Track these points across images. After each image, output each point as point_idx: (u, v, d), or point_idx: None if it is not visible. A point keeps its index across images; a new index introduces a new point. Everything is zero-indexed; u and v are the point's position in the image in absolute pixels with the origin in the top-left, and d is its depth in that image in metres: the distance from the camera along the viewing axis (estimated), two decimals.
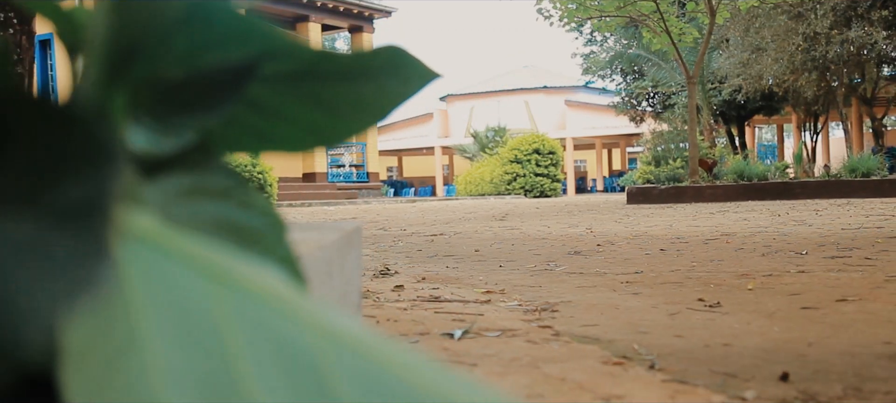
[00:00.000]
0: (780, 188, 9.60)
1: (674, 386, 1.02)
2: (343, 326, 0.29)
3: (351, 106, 0.40)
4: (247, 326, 0.27)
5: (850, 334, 1.37)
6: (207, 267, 0.28)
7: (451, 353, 1.18)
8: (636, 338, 1.37)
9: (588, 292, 1.97)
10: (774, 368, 1.13)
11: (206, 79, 0.36)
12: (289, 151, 0.41)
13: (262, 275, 0.30)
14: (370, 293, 1.95)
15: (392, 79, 0.39)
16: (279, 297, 0.29)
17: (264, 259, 0.39)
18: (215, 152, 0.38)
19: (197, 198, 0.36)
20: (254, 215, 0.39)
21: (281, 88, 0.39)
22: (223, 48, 0.36)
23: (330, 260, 0.83)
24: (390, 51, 0.38)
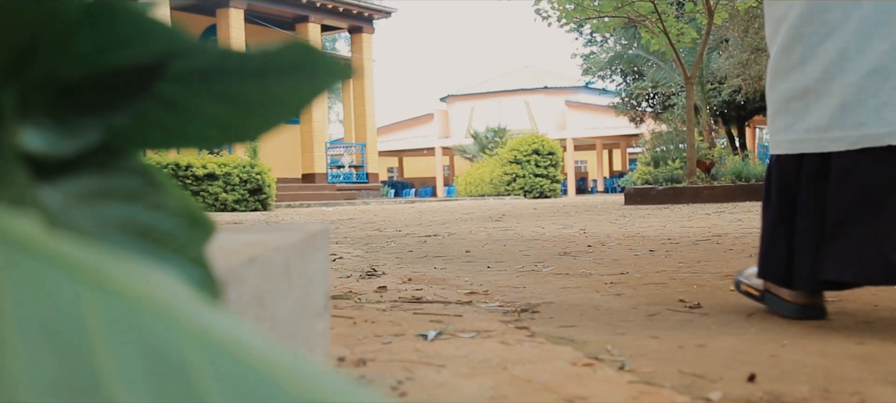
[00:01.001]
0: None
1: (639, 387, 1.02)
2: (221, 329, 0.29)
3: (263, 103, 0.40)
4: (115, 328, 0.27)
5: (825, 335, 1.37)
6: (80, 270, 0.28)
7: (422, 354, 1.18)
8: (612, 339, 1.37)
9: (571, 293, 1.97)
10: (745, 369, 1.13)
11: (109, 78, 0.36)
12: (203, 148, 0.41)
13: (141, 278, 0.30)
14: (352, 294, 1.95)
15: (303, 76, 0.39)
16: (154, 300, 0.29)
17: (174, 261, 0.39)
18: (123, 153, 0.38)
19: (102, 200, 0.36)
20: (164, 217, 0.39)
21: (192, 86, 0.39)
22: (127, 48, 0.36)
23: (288, 262, 0.83)
24: (299, 48, 0.38)
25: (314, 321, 0.95)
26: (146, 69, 0.36)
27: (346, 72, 0.40)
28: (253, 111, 0.40)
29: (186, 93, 0.39)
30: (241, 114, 0.40)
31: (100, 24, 0.34)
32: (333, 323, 1.50)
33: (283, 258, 0.81)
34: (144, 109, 0.38)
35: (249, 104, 0.40)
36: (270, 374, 0.28)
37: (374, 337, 1.34)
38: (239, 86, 0.39)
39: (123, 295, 0.29)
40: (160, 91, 0.39)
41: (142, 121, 0.39)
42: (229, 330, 0.30)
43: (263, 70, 0.39)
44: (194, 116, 0.40)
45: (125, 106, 0.36)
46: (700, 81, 19.70)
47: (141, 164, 0.38)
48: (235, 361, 0.28)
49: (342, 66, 0.40)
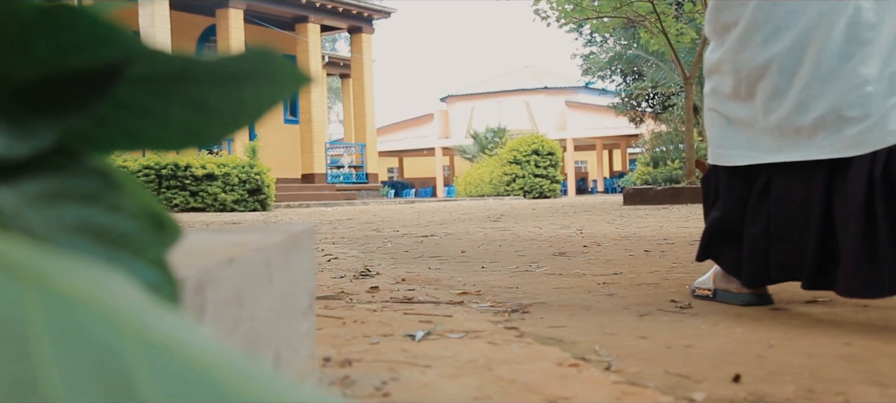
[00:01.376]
0: None
1: (623, 387, 1.02)
2: (165, 331, 0.29)
3: (224, 107, 0.40)
4: (56, 329, 0.27)
5: (814, 335, 1.37)
6: (23, 271, 0.28)
7: (408, 355, 1.18)
8: (600, 340, 1.37)
9: (563, 293, 1.97)
10: (731, 369, 1.13)
11: (65, 81, 0.36)
12: (165, 150, 0.41)
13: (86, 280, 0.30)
14: (344, 294, 1.95)
15: (263, 82, 0.40)
16: (98, 301, 0.29)
17: (131, 263, 0.39)
18: (81, 154, 0.38)
19: (58, 201, 0.37)
20: (122, 218, 0.39)
21: (154, 90, 0.39)
22: (82, 51, 0.36)
23: (269, 263, 0.83)
24: (258, 54, 0.38)
25: (298, 321, 0.95)
26: (103, 72, 0.36)
27: (303, 78, 0.40)
28: (214, 115, 0.40)
29: (148, 97, 0.39)
30: (203, 118, 0.40)
31: (55, 27, 0.34)
32: (323, 323, 1.50)
33: (264, 258, 0.81)
34: (104, 112, 0.39)
35: (211, 108, 0.40)
36: (212, 375, 0.28)
37: (362, 338, 1.34)
38: (200, 90, 0.39)
39: (66, 296, 0.29)
40: (121, 94, 0.39)
41: (102, 123, 0.39)
42: (174, 331, 0.30)
43: (224, 75, 0.39)
44: (156, 120, 0.40)
45: (82, 108, 0.36)
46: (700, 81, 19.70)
47: (99, 166, 0.38)
48: (177, 362, 0.28)
49: (300, 73, 0.40)
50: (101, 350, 0.27)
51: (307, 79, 0.40)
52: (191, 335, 0.29)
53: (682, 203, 9.73)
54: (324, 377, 1.04)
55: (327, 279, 2.38)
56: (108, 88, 0.37)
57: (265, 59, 0.38)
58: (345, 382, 1.02)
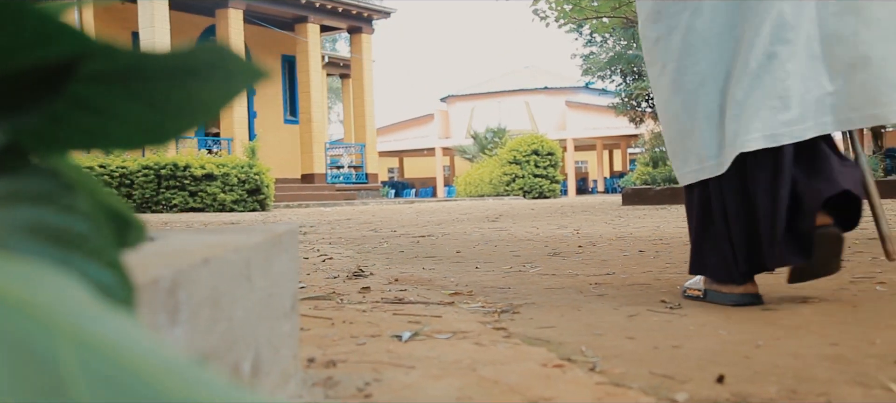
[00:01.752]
0: None
1: (606, 388, 1.02)
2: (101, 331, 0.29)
3: (180, 104, 0.40)
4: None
5: (802, 335, 1.37)
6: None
7: (393, 356, 1.18)
8: (588, 340, 1.37)
9: (555, 293, 1.97)
10: (716, 370, 1.13)
11: (14, 79, 0.36)
12: (122, 149, 0.41)
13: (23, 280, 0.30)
14: (336, 294, 1.95)
15: (218, 77, 0.39)
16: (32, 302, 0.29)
17: (85, 264, 0.39)
18: (32, 155, 0.38)
19: (10, 202, 0.37)
20: (77, 219, 0.39)
21: (109, 87, 0.39)
22: (32, 49, 0.36)
23: (248, 263, 0.83)
24: (213, 50, 0.38)
25: (280, 322, 0.95)
26: (54, 70, 0.36)
27: (259, 74, 0.40)
28: (171, 112, 0.40)
29: (103, 95, 0.39)
30: (160, 114, 0.40)
31: (3, 26, 0.34)
32: (311, 323, 1.50)
33: (243, 259, 0.81)
34: (58, 110, 0.39)
35: (168, 105, 0.40)
36: (146, 375, 0.28)
37: (349, 338, 1.34)
38: (155, 87, 0.39)
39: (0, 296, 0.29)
40: (75, 92, 0.39)
41: (57, 122, 0.39)
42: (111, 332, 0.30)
43: (178, 71, 0.39)
44: (113, 117, 0.40)
45: (33, 107, 0.36)
46: None
47: (53, 167, 0.38)
48: (111, 362, 0.28)
49: (255, 68, 0.40)
50: (32, 349, 0.27)
51: (262, 75, 0.39)
52: (129, 336, 0.29)
53: (681, 203, 9.73)
54: (307, 378, 1.04)
55: (320, 279, 2.38)
56: (60, 86, 0.37)
57: (218, 54, 0.38)
58: (328, 383, 1.02)
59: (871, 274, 2.01)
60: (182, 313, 0.65)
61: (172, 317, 0.63)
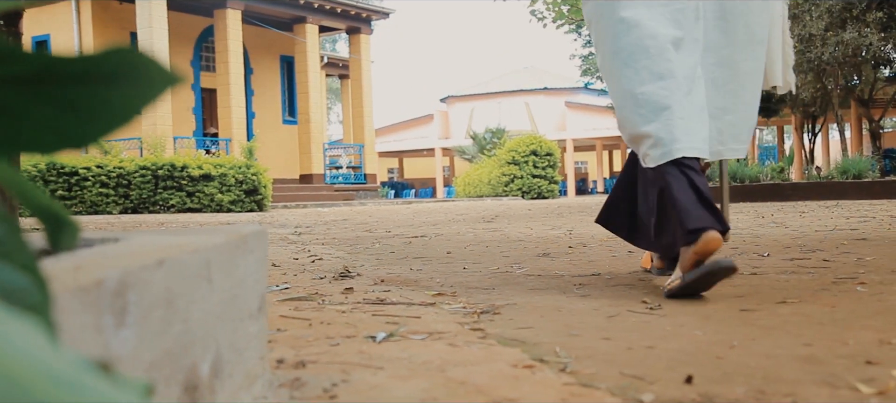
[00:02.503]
0: (772, 190, 9.58)
1: (573, 389, 1.03)
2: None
3: (95, 108, 0.40)
4: None
5: (777, 336, 1.37)
6: None
7: (365, 356, 1.19)
8: (563, 341, 1.37)
9: (538, 294, 1.97)
10: (686, 371, 1.13)
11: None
12: (41, 153, 0.41)
13: None
14: (318, 295, 1.96)
15: (132, 82, 0.40)
16: None
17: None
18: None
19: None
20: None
21: (21, 91, 0.39)
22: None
23: (208, 264, 0.83)
24: (125, 53, 0.38)
25: (245, 323, 0.96)
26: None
27: (173, 79, 0.40)
28: (87, 116, 0.40)
29: (15, 99, 0.39)
30: (76, 118, 0.40)
31: None
32: (289, 324, 1.50)
33: (202, 260, 0.81)
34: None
35: (82, 109, 0.40)
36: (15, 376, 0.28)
37: (324, 339, 1.34)
38: (68, 91, 0.39)
39: None
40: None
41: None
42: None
43: (89, 76, 0.39)
44: (27, 121, 0.40)
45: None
46: None
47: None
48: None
49: (169, 72, 0.40)
50: None
51: (177, 80, 0.40)
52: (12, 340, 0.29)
53: None
54: (275, 379, 1.04)
55: (307, 280, 2.38)
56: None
57: (131, 58, 0.38)
58: (295, 384, 1.02)
59: (855, 275, 2.01)
60: (131, 315, 0.65)
61: (119, 319, 0.63)
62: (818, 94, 18.18)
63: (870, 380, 1.06)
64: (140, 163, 13.22)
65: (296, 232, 6.11)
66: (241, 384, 0.93)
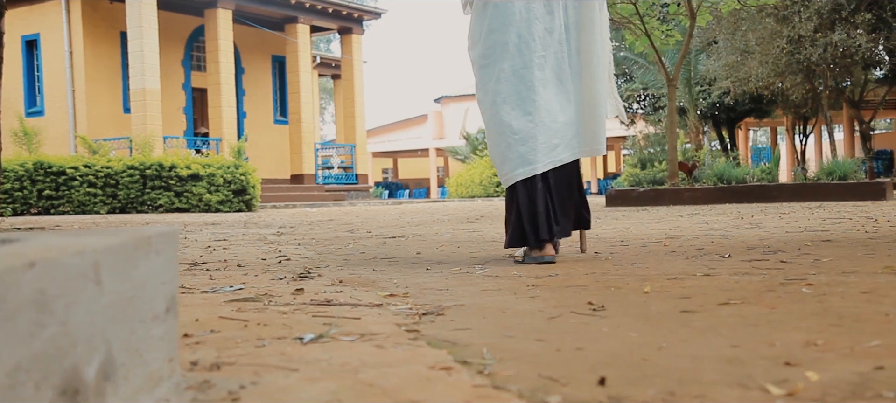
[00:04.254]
0: (758, 191, 9.60)
1: (482, 391, 1.02)
2: None
3: None
4: None
5: (708, 338, 1.37)
6: None
7: (285, 358, 1.18)
8: (496, 342, 1.37)
9: (490, 295, 1.97)
10: (606, 372, 1.13)
11: None
12: None
13: None
14: (267, 296, 1.95)
15: None
16: None
17: None
18: None
19: None
20: None
21: None
22: None
23: (96, 266, 0.82)
24: None
25: (146, 325, 0.95)
26: None
27: None
28: None
29: None
30: None
31: None
32: (225, 325, 1.49)
33: (88, 262, 0.81)
34: None
35: None
36: None
37: (254, 341, 1.34)
38: None
39: None
40: None
41: None
42: None
43: None
44: None
45: None
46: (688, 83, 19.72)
47: None
48: None
49: None
50: None
51: None
52: None
53: (664, 204, 9.75)
54: (184, 381, 1.03)
55: (265, 281, 2.38)
56: None
57: None
58: (202, 386, 1.02)
59: (805, 276, 2.01)
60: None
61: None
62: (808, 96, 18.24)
63: (783, 382, 1.06)
64: (128, 162, 13.19)
65: (277, 232, 6.11)
66: (141, 386, 0.93)
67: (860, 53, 14.49)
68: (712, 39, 18.06)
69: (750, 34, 15.62)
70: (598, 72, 2.74)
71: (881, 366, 1.12)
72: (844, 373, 1.09)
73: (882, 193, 9.03)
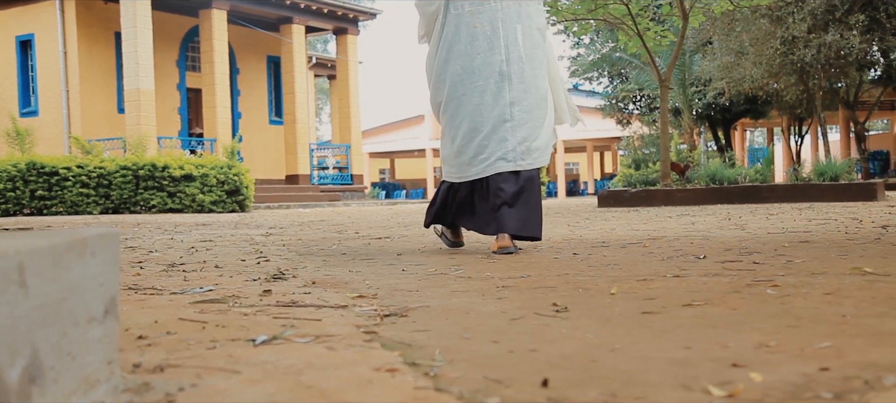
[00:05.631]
0: (749, 192, 9.61)
1: (423, 393, 1.02)
2: None
3: None
4: None
5: (664, 339, 1.37)
6: None
7: (231, 360, 1.18)
8: (451, 344, 1.36)
9: (458, 297, 1.96)
10: (552, 374, 1.12)
11: None
12: None
13: None
14: (234, 297, 1.95)
15: None
16: None
17: None
18: None
19: None
20: None
21: None
22: None
23: (20, 268, 0.82)
24: None
25: (80, 328, 0.94)
26: None
27: None
28: None
29: None
30: None
31: None
32: (182, 327, 1.49)
33: (10, 264, 0.80)
34: None
35: None
36: None
37: (207, 342, 1.33)
38: None
39: None
40: None
41: None
42: None
43: None
44: None
45: None
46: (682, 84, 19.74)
47: None
48: None
49: None
50: None
51: None
52: None
53: (656, 205, 9.75)
54: (123, 383, 1.03)
55: (238, 282, 2.37)
56: None
57: None
58: (140, 389, 1.01)
59: (773, 277, 2.01)
60: None
61: None
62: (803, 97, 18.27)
63: (726, 383, 1.06)
64: (121, 162, 13.18)
65: (266, 233, 6.10)
66: (75, 389, 0.92)
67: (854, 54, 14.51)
68: (707, 40, 18.08)
69: (744, 35, 15.64)
70: (536, 97, 3.24)
71: (826, 367, 1.11)
72: (789, 374, 1.09)
73: (873, 194, 9.04)
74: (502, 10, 3.15)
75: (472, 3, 3.16)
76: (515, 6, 3.16)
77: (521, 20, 3.17)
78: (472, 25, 3.16)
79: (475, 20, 3.16)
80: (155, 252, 3.89)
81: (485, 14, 3.14)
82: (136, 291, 2.16)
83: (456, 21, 3.20)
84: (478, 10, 3.15)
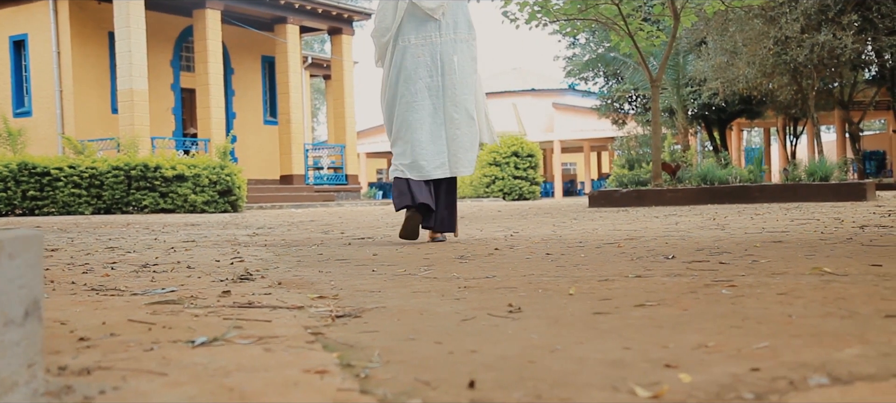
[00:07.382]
0: (739, 192, 9.61)
1: (345, 395, 1.01)
2: None
3: None
4: None
5: (606, 340, 1.36)
6: None
7: (163, 362, 1.17)
8: (394, 345, 1.36)
9: (416, 297, 1.96)
10: (485, 375, 1.12)
11: None
12: None
13: None
14: (191, 298, 1.94)
15: None
16: None
17: None
18: None
19: None
20: None
21: None
22: None
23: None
24: None
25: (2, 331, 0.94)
26: None
27: None
28: None
29: None
30: None
31: None
32: (127, 328, 1.48)
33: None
34: None
35: None
36: None
37: (147, 344, 1.33)
38: None
39: None
40: None
41: None
42: None
43: None
44: None
45: None
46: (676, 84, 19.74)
47: None
48: None
49: None
50: None
51: None
52: None
53: (647, 205, 9.75)
54: (41, 386, 1.02)
55: (204, 283, 2.37)
56: None
57: None
58: (62, 391, 1.01)
59: (732, 278, 2.01)
60: None
61: None
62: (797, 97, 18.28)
63: (654, 384, 1.06)
64: (113, 163, 13.16)
65: (253, 233, 6.09)
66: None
67: (847, 54, 14.52)
68: (701, 40, 18.09)
69: (738, 35, 15.65)
70: (465, 116, 3.98)
71: (757, 368, 1.11)
72: (719, 375, 1.09)
73: (863, 194, 9.04)
74: (441, 44, 3.94)
75: (416, 37, 3.96)
76: (452, 43, 3.96)
77: (458, 52, 3.95)
78: (416, 55, 3.95)
79: (419, 51, 3.95)
80: (133, 252, 3.88)
81: (426, 46, 3.94)
82: (98, 292, 2.15)
83: (403, 52, 3.98)
84: (422, 43, 3.96)
